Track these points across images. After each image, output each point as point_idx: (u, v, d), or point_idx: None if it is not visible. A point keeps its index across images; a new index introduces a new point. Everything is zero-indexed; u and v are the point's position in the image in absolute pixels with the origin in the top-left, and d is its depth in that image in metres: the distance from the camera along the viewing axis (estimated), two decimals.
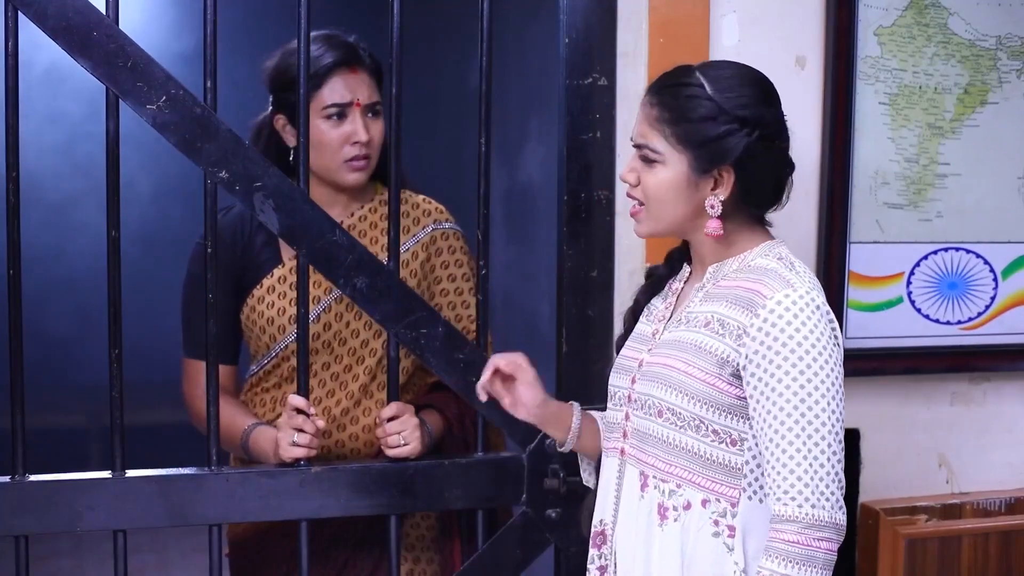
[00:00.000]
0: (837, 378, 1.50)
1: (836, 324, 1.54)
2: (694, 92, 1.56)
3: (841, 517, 1.49)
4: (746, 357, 1.52)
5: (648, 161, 1.59)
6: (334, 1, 3.16)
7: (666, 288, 1.74)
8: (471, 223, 1.98)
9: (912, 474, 2.31)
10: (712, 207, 1.57)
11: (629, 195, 1.65)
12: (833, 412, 1.48)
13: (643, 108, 1.61)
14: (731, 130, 1.54)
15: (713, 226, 1.58)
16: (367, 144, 1.96)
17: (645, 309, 1.75)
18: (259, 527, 2.04)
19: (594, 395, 2.00)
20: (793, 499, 1.48)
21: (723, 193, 1.57)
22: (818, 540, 1.47)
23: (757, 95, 1.58)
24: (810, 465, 1.47)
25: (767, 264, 1.57)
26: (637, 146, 1.62)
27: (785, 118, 1.62)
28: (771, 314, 1.50)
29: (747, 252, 1.61)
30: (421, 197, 2.09)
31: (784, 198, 1.64)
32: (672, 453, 1.59)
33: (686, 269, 1.72)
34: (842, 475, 1.50)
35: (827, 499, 1.47)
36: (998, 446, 2.37)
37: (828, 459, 1.48)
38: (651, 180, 1.59)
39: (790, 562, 1.48)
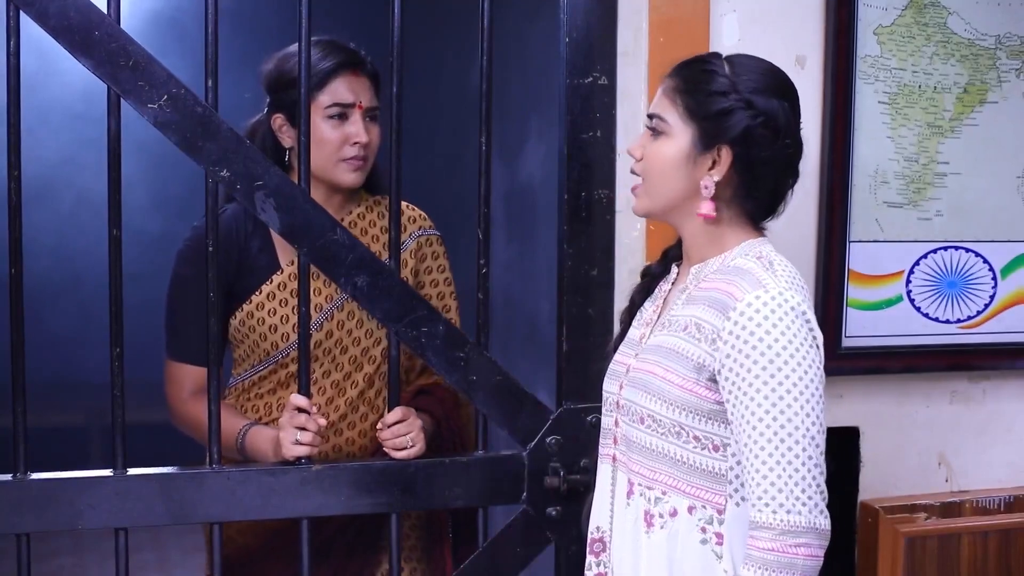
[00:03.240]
0: (813, 379, 1.47)
1: (814, 324, 1.51)
2: (712, 68, 1.59)
3: (823, 521, 1.46)
4: (720, 362, 1.50)
5: (656, 133, 1.61)
6: (334, 1, 3.16)
7: (656, 290, 1.74)
8: (471, 223, 1.98)
9: (912, 473, 2.31)
10: (706, 187, 1.57)
11: (632, 170, 1.66)
12: (808, 415, 1.45)
13: (663, 83, 1.64)
14: (736, 107, 1.55)
15: (707, 207, 1.57)
16: (366, 146, 1.97)
17: (638, 311, 1.75)
18: (248, 548, 2.04)
19: (594, 394, 2.00)
20: (767, 505, 1.45)
21: (718, 174, 1.56)
22: (795, 547, 1.44)
23: (772, 85, 1.59)
24: (784, 470, 1.44)
25: (744, 264, 1.56)
26: (650, 116, 1.63)
27: (800, 125, 1.61)
28: (741, 316, 1.48)
29: (729, 251, 1.60)
30: (404, 204, 2.08)
31: (780, 207, 1.63)
32: (656, 460, 1.58)
33: (674, 271, 1.71)
34: (821, 479, 1.46)
35: (803, 504, 1.44)
36: (997, 444, 2.37)
37: (803, 463, 1.45)
38: (654, 152, 1.60)
39: (767, 570, 1.45)
